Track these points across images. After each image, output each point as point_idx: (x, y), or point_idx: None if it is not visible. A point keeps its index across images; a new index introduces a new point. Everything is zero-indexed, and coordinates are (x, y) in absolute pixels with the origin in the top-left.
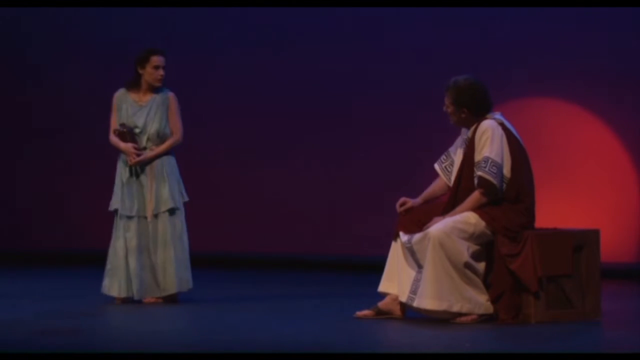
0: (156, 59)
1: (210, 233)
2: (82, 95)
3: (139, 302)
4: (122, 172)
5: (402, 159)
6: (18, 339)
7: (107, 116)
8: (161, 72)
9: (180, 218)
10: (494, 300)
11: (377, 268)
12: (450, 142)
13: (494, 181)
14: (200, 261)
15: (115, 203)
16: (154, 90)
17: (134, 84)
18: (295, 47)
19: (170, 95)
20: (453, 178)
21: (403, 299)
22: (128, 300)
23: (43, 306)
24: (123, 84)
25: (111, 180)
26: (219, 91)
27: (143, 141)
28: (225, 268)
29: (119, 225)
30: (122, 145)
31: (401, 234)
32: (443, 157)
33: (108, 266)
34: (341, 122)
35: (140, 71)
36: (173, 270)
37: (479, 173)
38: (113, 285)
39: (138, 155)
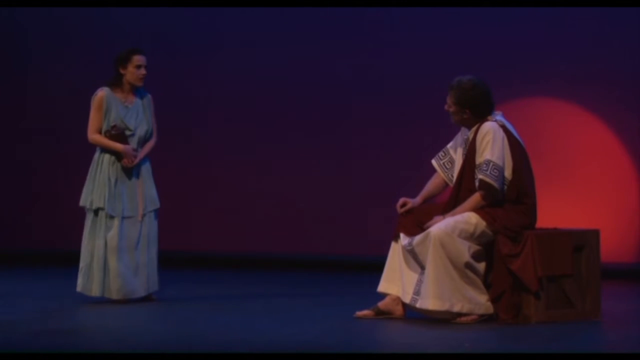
0: (138, 58)
1: (209, 233)
2: (81, 95)
3: (143, 300)
4: (108, 171)
5: (403, 158)
6: (18, 339)
7: None
8: (143, 71)
9: (157, 219)
10: (494, 300)
11: (377, 268)
12: (449, 141)
13: (495, 184)
14: (200, 261)
15: (98, 201)
16: (134, 90)
17: (116, 84)
18: (295, 46)
19: (150, 96)
20: (454, 179)
21: (406, 300)
22: (103, 300)
23: (43, 306)
24: (104, 83)
25: None
26: (219, 90)
27: (134, 143)
28: (224, 268)
29: (100, 224)
30: (120, 146)
31: (402, 235)
32: (441, 153)
33: (82, 264)
34: (340, 122)
35: (122, 71)
36: (155, 269)
37: (480, 176)
38: (89, 284)
39: (135, 157)
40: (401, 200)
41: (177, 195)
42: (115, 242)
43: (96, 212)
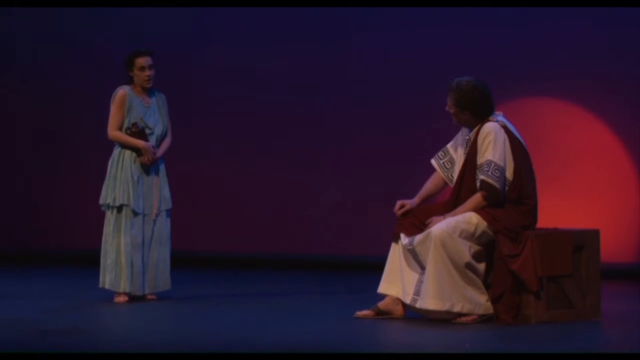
0: (141, 60)
1: (210, 233)
2: (81, 96)
3: (141, 298)
4: (130, 168)
5: (402, 159)
6: (18, 339)
7: (104, 116)
8: (148, 72)
9: (170, 219)
10: (494, 301)
11: (377, 268)
12: (447, 142)
13: (497, 185)
14: (200, 261)
15: (122, 198)
16: (148, 90)
17: (132, 84)
18: (295, 47)
19: (164, 96)
20: (455, 178)
21: (407, 300)
22: (129, 296)
23: (43, 306)
24: (123, 82)
25: None
26: (218, 91)
27: (153, 141)
28: (224, 268)
29: (125, 220)
30: (142, 143)
31: (402, 235)
32: (441, 153)
33: (108, 261)
34: (339, 123)
35: (130, 74)
36: (167, 268)
37: (482, 177)
38: (118, 281)
39: (154, 154)
40: (399, 203)
41: (176, 196)
42: (139, 239)
43: (119, 209)
